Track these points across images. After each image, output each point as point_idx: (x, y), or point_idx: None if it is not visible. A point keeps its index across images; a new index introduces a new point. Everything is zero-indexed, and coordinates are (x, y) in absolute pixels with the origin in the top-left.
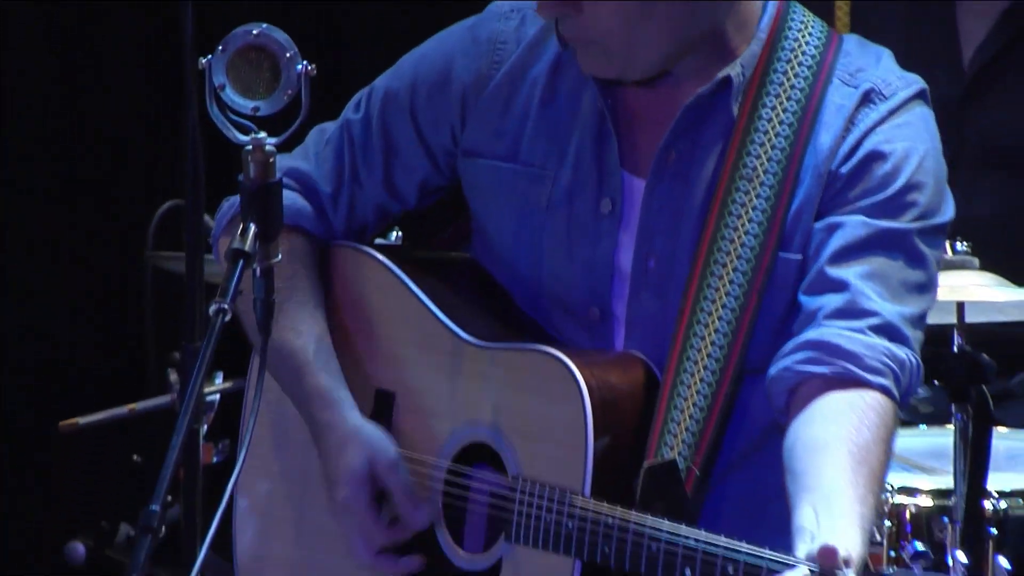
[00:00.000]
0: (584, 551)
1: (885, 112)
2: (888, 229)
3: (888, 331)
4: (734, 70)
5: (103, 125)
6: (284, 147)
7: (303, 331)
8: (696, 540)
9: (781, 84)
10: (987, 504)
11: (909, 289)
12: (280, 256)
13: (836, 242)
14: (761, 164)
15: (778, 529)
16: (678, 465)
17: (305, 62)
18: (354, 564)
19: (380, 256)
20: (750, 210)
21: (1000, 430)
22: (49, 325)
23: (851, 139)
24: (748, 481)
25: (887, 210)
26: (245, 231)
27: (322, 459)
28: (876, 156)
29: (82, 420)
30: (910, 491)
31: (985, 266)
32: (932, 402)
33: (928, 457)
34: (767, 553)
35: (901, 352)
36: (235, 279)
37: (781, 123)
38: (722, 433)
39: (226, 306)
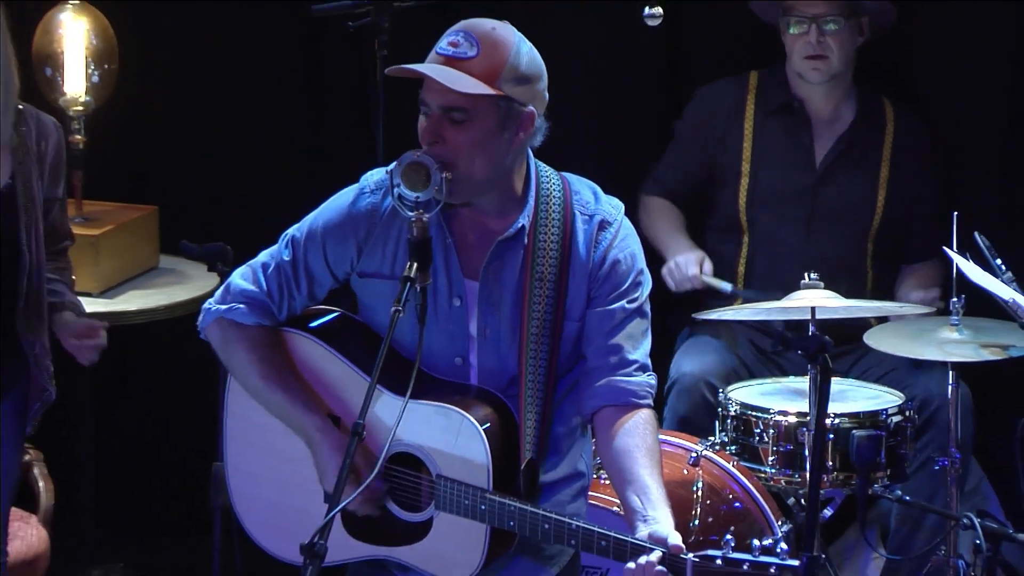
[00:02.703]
0: (495, 521)
1: (614, 233)
2: (633, 308)
3: (643, 368)
4: (525, 219)
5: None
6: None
7: (286, 386)
8: (577, 525)
9: (546, 221)
10: (827, 421)
11: (644, 335)
12: (429, 280)
13: (608, 322)
14: (545, 271)
15: (575, 452)
16: (534, 460)
17: (445, 173)
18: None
19: (313, 337)
20: (543, 299)
21: (834, 379)
22: None
23: (598, 253)
24: (564, 422)
25: (629, 293)
26: (411, 266)
27: (316, 455)
28: (617, 262)
29: None
30: (784, 412)
31: (827, 286)
32: (798, 363)
33: (796, 393)
34: (630, 538)
35: (652, 379)
36: (406, 292)
37: (551, 244)
38: (551, 418)
39: (400, 308)
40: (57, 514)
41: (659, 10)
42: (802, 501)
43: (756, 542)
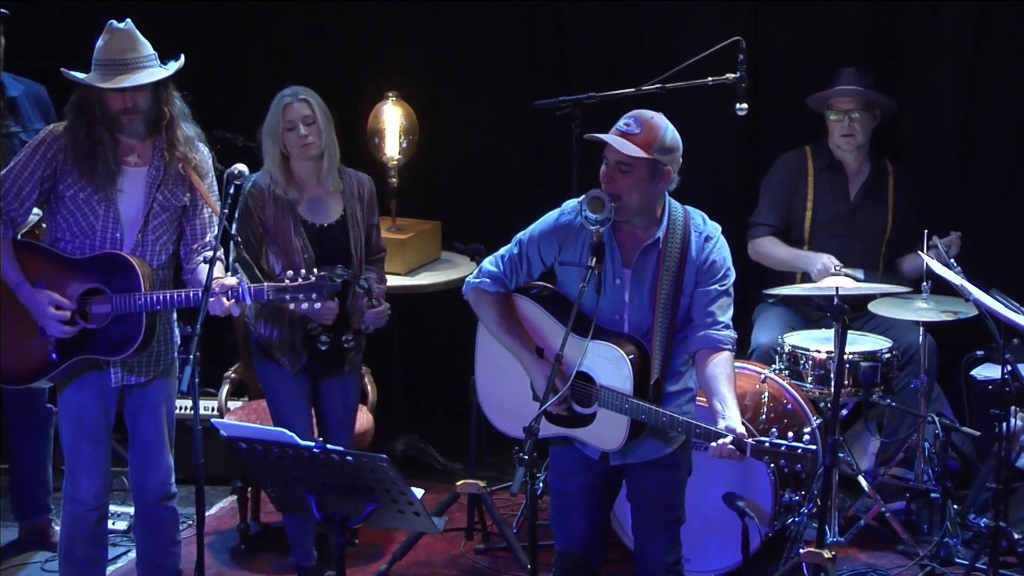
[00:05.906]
0: (633, 415)
1: (713, 244)
2: (723, 290)
3: (727, 327)
4: (660, 233)
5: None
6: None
7: (511, 331)
8: (683, 417)
9: (672, 235)
10: (845, 356)
11: (729, 306)
12: (603, 268)
13: (706, 297)
14: (671, 265)
15: (688, 375)
16: (660, 380)
17: (613, 203)
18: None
19: (530, 300)
20: (669, 283)
21: (850, 331)
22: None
23: (703, 256)
24: (680, 357)
25: (721, 279)
26: (592, 259)
27: (529, 376)
28: (714, 263)
29: None
30: (819, 350)
31: (847, 274)
32: (826, 322)
33: (826, 339)
34: (714, 428)
35: (733, 334)
36: (589, 277)
37: (675, 250)
38: (671, 354)
39: (584, 285)
40: (378, 406)
41: (745, 106)
42: (828, 405)
43: (791, 434)
